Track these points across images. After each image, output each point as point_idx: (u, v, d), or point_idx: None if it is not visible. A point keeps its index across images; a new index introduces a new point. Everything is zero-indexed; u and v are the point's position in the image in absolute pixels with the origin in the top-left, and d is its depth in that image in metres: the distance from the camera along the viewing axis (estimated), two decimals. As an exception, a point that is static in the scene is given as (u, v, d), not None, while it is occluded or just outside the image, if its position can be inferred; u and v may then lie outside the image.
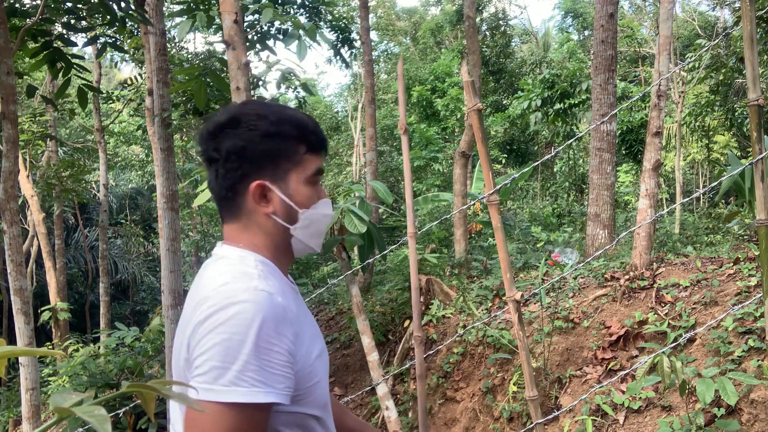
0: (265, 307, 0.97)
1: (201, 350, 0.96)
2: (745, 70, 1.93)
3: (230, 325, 0.95)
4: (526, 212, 12.78)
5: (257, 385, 0.94)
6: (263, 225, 1.12)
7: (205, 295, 1.01)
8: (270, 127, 1.09)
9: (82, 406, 0.51)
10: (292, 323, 1.02)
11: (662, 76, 4.30)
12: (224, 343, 0.94)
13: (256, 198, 1.10)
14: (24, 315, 3.94)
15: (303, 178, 1.12)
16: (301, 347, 1.05)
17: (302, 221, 1.13)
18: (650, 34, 19.65)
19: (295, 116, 1.13)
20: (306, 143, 1.12)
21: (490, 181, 1.65)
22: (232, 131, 1.09)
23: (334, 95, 29.84)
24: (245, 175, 1.09)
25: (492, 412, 4.08)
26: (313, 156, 1.14)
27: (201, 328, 0.97)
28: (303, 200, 1.12)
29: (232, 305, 0.96)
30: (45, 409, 5.68)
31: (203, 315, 0.98)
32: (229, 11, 3.43)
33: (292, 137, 1.11)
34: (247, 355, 0.94)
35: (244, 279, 1.02)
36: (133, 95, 10.37)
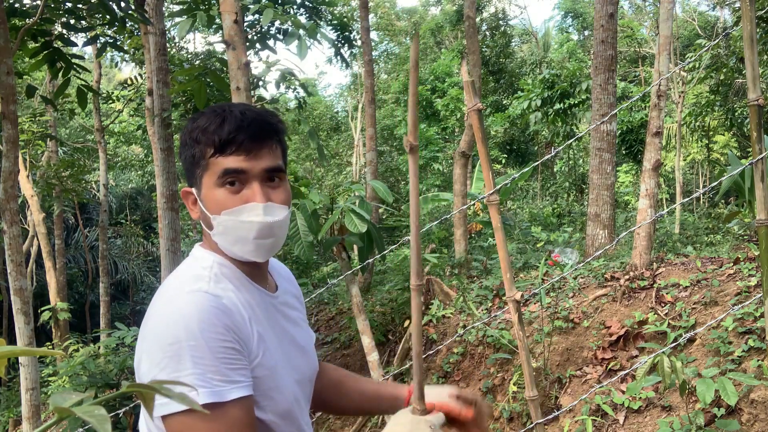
0: (205, 308, 0.96)
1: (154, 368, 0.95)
2: (745, 70, 1.93)
3: (172, 335, 0.94)
4: (526, 212, 12.78)
5: (221, 383, 0.93)
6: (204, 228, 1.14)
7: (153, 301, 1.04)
8: (185, 135, 1.11)
9: (82, 406, 0.51)
10: (243, 323, 1.01)
11: (662, 76, 4.30)
12: (172, 353, 0.93)
13: (188, 204, 1.14)
14: (24, 315, 3.94)
15: (211, 182, 1.07)
16: (258, 348, 1.03)
17: (216, 227, 1.08)
18: (650, 34, 19.65)
19: (204, 118, 1.09)
20: (212, 146, 1.06)
21: (490, 181, 1.65)
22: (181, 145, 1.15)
23: (334, 95, 29.86)
24: (188, 182, 1.15)
25: (492, 412, 4.08)
26: (223, 158, 1.06)
27: (148, 345, 0.97)
28: (212, 205, 1.08)
29: (171, 314, 0.97)
30: (45, 409, 5.68)
31: (148, 332, 0.99)
32: (229, 11, 3.43)
33: (200, 141, 1.07)
34: (199, 356, 0.93)
35: (189, 282, 1.02)
36: (133, 95, 10.38)
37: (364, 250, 4.17)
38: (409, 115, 1.43)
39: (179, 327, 0.94)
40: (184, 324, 0.94)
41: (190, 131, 1.10)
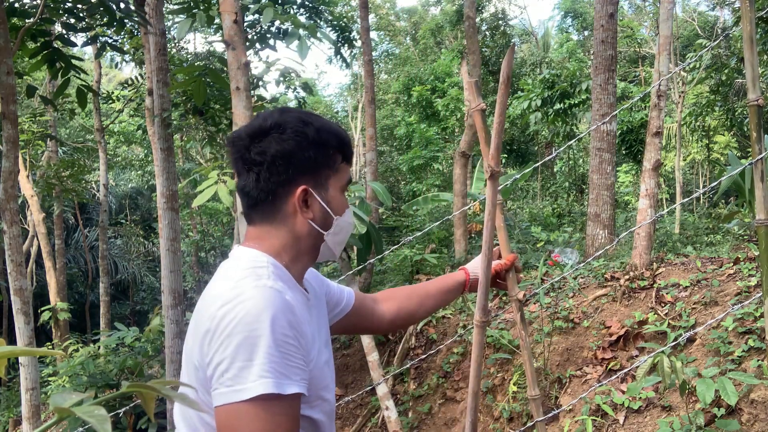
0: (274, 302, 0.99)
1: (222, 355, 0.96)
2: (745, 70, 1.93)
3: (244, 324, 0.96)
4: (526, 212, 12.77)
5: (281, 377, 0.95)
6: (296, 229, 1.13)
7: (215, 295, 1.03)
8: (315, 135, 1.12)
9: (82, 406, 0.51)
10: (301, 322, 1.04)
11: (662, 76, 4.30)
12: (243, 342, 0.95)
13: (298, 203, 1.12)
14: (24, 315, 3.94)
15: (339, 186, 1.16)
16: (312, 348, 1.07)
17: (335, 227, 1.16)
18: (650, 34, 19.66)
19: (334, 126, 1.17)
20: (342, 153, 1.16)
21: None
22: (278, 136, 1.10)
23: (334, 95, 29.86)
24: (289, 180, 1.11)
25: (492, 412, 4.08)
26: (347, 166, 1.18)
27: (216, 335, 0.98)
28: (338, 207, 1.17)
29: (242, 303, 0.98)
30: (45, 409, 5.68)
31: (215, 321, 0.99)
32: (229, 11, 3.43)
33: (332, 146, 1.14)
34: (268, 347, 0.95)
35: (253, 277, 1.03)
36: (133, 95, 10.37)
37: (363, 251, 4.17)
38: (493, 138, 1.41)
39: (252, 318, 0.96)
40: (257, 316, 0.96)
41: (317, 131, 1.12)
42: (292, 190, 1.11)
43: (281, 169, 1.10)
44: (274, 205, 1.12)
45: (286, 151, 1.09)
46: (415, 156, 14.42)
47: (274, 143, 1.10)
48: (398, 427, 4.22)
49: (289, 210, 1.12)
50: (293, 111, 1.15)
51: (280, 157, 1.09)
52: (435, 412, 4.57)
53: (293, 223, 1.12)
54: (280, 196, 1.11)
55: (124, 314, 16.40)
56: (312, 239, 1.15)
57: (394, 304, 1.51)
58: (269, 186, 1.11)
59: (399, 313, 1.50)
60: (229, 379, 0.95)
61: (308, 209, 1.12)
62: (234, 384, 0.94)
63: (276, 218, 1.12)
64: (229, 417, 0.94)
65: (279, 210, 1.12)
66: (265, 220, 1.13)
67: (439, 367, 4.75)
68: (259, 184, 1.11)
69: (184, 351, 1.10)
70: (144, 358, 6.15)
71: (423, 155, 14.47)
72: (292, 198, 1.11)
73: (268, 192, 1.11)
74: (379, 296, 1.53)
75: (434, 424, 4.48)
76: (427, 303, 1.55)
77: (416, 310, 1.54)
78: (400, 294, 1.54)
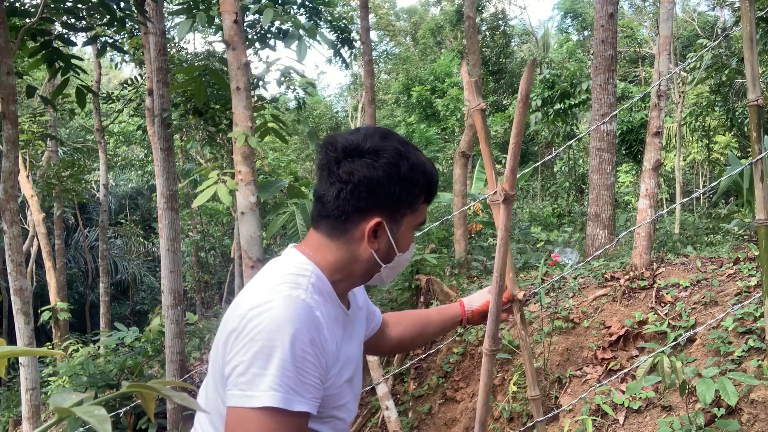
0: (300, 316, 0.99)
1: (241, 358, 0.97)
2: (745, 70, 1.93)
3: (267, 332, 0.97)
4: (526, 212, 12.78)
5: (291, 393, 0.96)
6: (357, 254, 1.13)
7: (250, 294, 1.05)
8: (406, 171, 1.10)
9: (82, 406, 0.51)
10: (326, 341, 1.04)
11: (662, 76, 4.30)
12: (262, 350, 0.96)
13: (368, 232, 1.11)
14: (24, 315, 3.94)
15: (412, 224, 1.15)
16: (334, 366, 1.07)
17: (394, 262, 1.16)
18: (650, 34, 19.66)
19: (427, 165, 1.15)
20: (426, 194, 1.15)
21: (493, 182, 1.65)
22: (372, 162, 1.08)
23: (334, 95, 29.86)
24: (367, 209, 1.10)
25: (492, 412, 4.08)
26: (426, 206, 1.17)
27: (240, 337, 0.99)
28: (404, 245, 1.16)
29: (269, 311, 0.99)
30: (45, 409, 5.68)
31: (242, 322, 1.00)
32: (229, 11, 3.43)
33: (418, 185, 1.12)
34: (283, 360, 0.95)
35: (290, 285, 1.04)
36: (133, 95, 10.37)
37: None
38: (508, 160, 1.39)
39: (274, 327, 0.97)
40: (280, 326, 0.97)
41: (410, 168, 1.10)
42: (366, 218, 1.10)
43: (363, 195, 1.08)
44: (345, 225, 1.11)
45: (374, 180, 1.08)
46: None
47: (364, 168, 1.08)
48: (398, 427, 4.22)
49: (357, 235, 1.11)
50: (393, 138, 1.13)
51: (366, 183, 1.07)
52: (435, 412, 4.57)
53: (356, 248, 1.12)
54: (354, 220, 1.10)
55: (124, 314, 16.40)
56: (368, 267, 1.15)
57: (400, 329, 1.53)
58: (347, 207, 1.09)
59: (403, 338, 1.53)
60: (243, 384, 0.96)
61: (375, 240, 1.12)
62: (246, 389, 0.96)
63: (341, 238, 1.12)
64: (235, 420, 0.96)
65: (347, 231, 1.11)
66: (330, 234, 1.13)
67: (439, 367, 4.75)
68: (337, 201, 1.09)
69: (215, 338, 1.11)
70: (144, 358, 6.15)
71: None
72: (364, 225, 1.10)
73: (343, 212, 1.10)
74: (390, 319, 1.54)
75: (434, 424, 4.48)
76: (427, 331, 1.58)
77: (417, 336, 1.57)
78: (405, 319, 1.56)
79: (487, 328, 1.48)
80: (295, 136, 18.41)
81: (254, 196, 3.45)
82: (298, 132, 17.52)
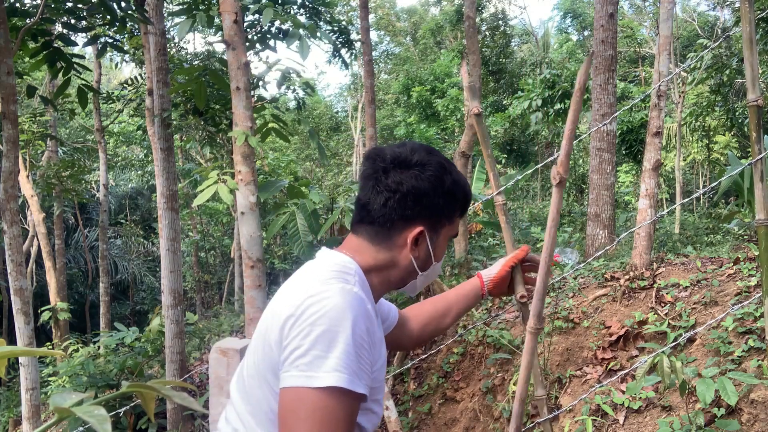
0: (358, 306, 1.03)
1: (301, 342, 0.99)
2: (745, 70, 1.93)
3: (328, 317, 1.00)
4: (526, 212, 12.78)
5: (353, 375, 0.99)
6: (397, 260, 1.18)
7: (301, 287, 1.07)
8: (450, 185, 1.18)
9: (82, 406, 0.51)
10: (376, 332, 1.09)
11: (662, 76, 4.30)
12: (325, 334, 0.98)
13: (411, 240, 1.16)
14: (24, 315, 3.94)
15: (448, 235, 1.23)
16: (379, 359, 1.12)
17: (429, 270, 1.22)
18: (650, 34, 19.67)
19: (464, 181, 1.24)
20: (462, 208, 1.23)
21: (495, 183, 1.65)
22: (419, 174, 1.15)
23: (334, 95, 29.86)
24: (412, 217, 1.16)
25: (492, 412, 4.08)
26: (460, 219, 1.25)
27: (299, 321, 1.01)
28: (439, 254, 1.23)
29: (328, 299, 1.02)
30: (45, 409, 5.68)
31: (300, 308, 1.02)
32: (229, 11, 3.43)
33: (458, 199, 1.21)
34: (346, 345, 0.99)
35: (340, 279, 1.08)
36: (133, 95, 10.38)
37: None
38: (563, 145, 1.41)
39: (336, 314, 1.00)
40: (341, 313, 1.00)
41: (453, 182, 1.19)
42: (409, 227, 1.16)
43: (410, 204, 1.15)
44: (389, 233, 1.17)
45: (421, 190, 1.15)
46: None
47: (413, 179, 1.14)
48: (398, 427, 4.22)
49: (399, 242, 1.17)
50: (438, 155, 1.21)
51: (413, 193, 1.14)
52: (435, 412, 4.57)
53: (397, 254, 1.18)
54: (398, 228, 1.16)
55: (124, 314, 16.40)
56: (405, 274, 1.20)
57: (420, 320, 1.55)
58: (393, 215, 1.15)
59: (425, 329, 1.55)
60: (304, 365, 0.98)
61: (416, 248, 1.18)
62: (308, 370, 0.97)
63: (383, 244, 1.17)
64: (294, 400, 0.98)
65: (390, 238, 1.17)
66: (372, 240, 1.18)
67: (439, 367, 4.76)
68: (384, 209, 1.15)
69: (257, 332, 1.13)
70: (144, 358, 6.15)
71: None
72: (407, 233, 1.16)
73: (389, 219, 1.16)
74: (410, 313, 1.56)
75: (434, 424, 4.48)
76: (450, 314, 1.58)
77: (441, 322, 1.59)
78: (424, 310, 1.57)
79: (533, 306, 1.51)
80: (295, 137, 18.41)
81: (254, 196, 3.45)
82: (299, 132, 17.53)
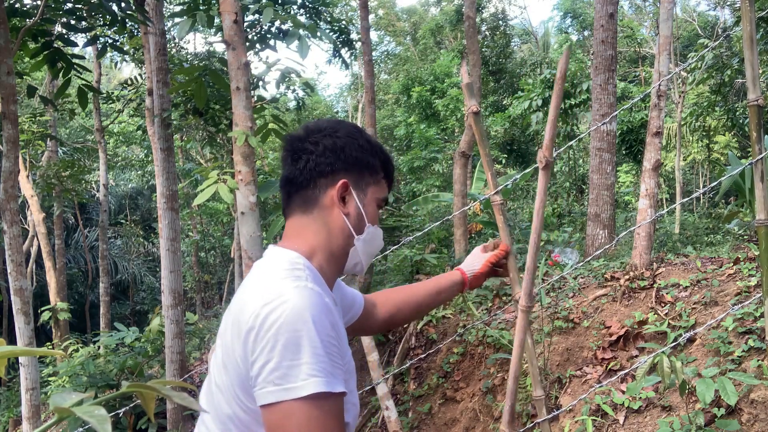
0: (316, 303, 1.00)
1: (269, 355, 0.96)
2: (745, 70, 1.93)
3: (289, 323, 0.96)
4: (526, 212, 12.77)
5: (330, 376, 0.96)
6: (331, 224, 1.17)
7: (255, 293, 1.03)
8: (365, 142, 1.21)
9: (82, 406, 0.51)
10: (340, 325, 1.07)
11: (662, 76, 4.30)
12: (290, 342, 0.95)
13: (337, 195, 1.16)
14: (24, 315, 3.94)
15: (376, 197, 1.22)
16: (346, 352, 1.09)
17: (366, 234, 1.20)
18: (650, 34, 19.67)
19: (379, 144, 1.26)
20: (385, 171, 1.24)
21: (492, 182, 1.65)
22: (333, 134, 1.18)
23: (334, 95, 29.86)
24: (334, 172, 1.16)
25: (492, 412, 4.08)
26: (386, 184, 1.25)
27: (260, 334, 0.97)
28: (371, 217, 1.21)
29: (284, 303, 0.98)
30: (45, 409, 5.68)
31: (258, 319, 0.98)
32: (229, 11, 3.43)
33: (377, 157, 1.22)
34: (314, 347, 0.96)
35: (292, 278, 1.05)
36: (133, 95, 10.38)
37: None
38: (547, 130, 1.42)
39: (295, 318, 0.97)
40: (300, 315, 0.97)
41: (368, 140, 1.21)
42: (333, 183, 1.16)
43: (329, 160, 1.16)
44: (315, 193, 1.16)
45: (337, 145, 1.17)
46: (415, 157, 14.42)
47: (328, 138, 1.17)
48: (398, 427, 4.22)
49: (327, 202, 1.16)
50: (348, 123, 1.24)
51: (330, 149, 1.16)
52: (435, 412, 4.57)
53: (328, 215, 1.16)
54: (322, 186, 1.16)
55: (124, 314, 16.40)
56: (344, 239, 1.17)
57: (389, 307, 1.53)
58: (313, 174, 1.16)
59: (394, 315, 1.54)
60: (278, 378, 0.95)
61: (345, 205, 1.17)
62: (283, 382, 0.94)
63: (314, 209, 1.16)
64: (280, 417, 0.95)
65: (317, 199, 1.16)
66: (304, 209, 1.17)
67: (439, 367, 4.75)
68: (304, 171, 1.16)
69: (221, 346, 1.09)
70: (144, 358, 6.15)
71: (423, 156, 14.47)
72: (332, 190, 1.16)
73: (311, 179, 1.16)
74: (377, 299, 1.54)
75: (434, 424, 4.48)
76: (424, 303, 1.57)
77: (412, 311, 1.57)
78: (396, 297, 1.56)
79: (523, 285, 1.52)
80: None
81: (254, 196, 3.45)
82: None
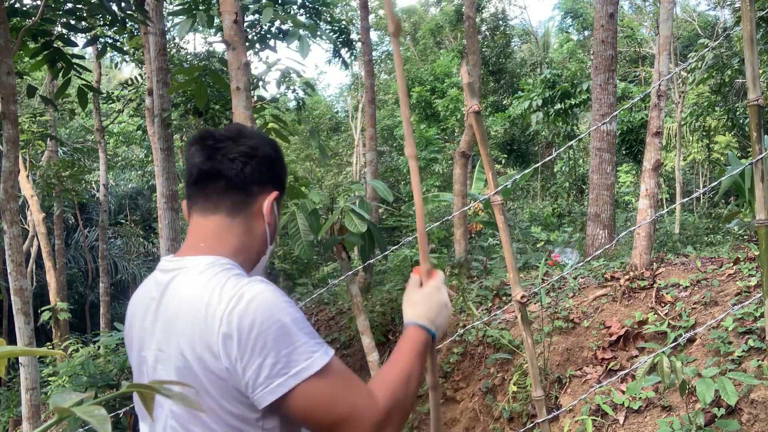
0: (274, 290, 1.01)
1: (263, 356, 0.95)
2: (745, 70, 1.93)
3: (266, 318, 0.96)
4: (526, 212, 12.77)
5: (321, 345, 0.99)
6: (254, 231, 1.16)
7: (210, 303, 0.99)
8: (283, 158, 1.24)
9: (82, 406, 0.51)
10: None
11: (662, 76, 4.30)
12: (276, 333, 0.96)
13: (268, 205, 1.16)
14: (24, 315, 3.94)
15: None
16: None
17: (271, 247, 1.21)
18: (650, 34, 19.67)
19: None
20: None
21: (492, 182, 1.65)
22: (268, 145, 1.18)
23: (334, 95, 29.86)
24: (266, 183, 1.17)
25: (492, 412, 4.08)
26: None
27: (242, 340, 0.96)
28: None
29: (252, 301, 0.97)
30: (45, 409, 5.67)
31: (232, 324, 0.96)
32: (229, 11, 3.43)
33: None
34: (298, 325, 0.98)
35: (234, 277, 1.04)
36: (133, 95, 10.38)
37: (365, 250, 4.16)
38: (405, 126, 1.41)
39: (269, 310, 0.97)
40: (271, 306, 0.98)
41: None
42: (264, 193, 1.16)
43: (265, 170, 1.16)
44: (247, 199, 1.15)
45: (271, 156, 1.17)
46: (415, 156, 14.38)
47: (266, 146, 1.17)
48: (398, 427, 4.21)
49: (255, 210, 1.16)
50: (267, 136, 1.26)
51: (267, 159, 1.16)
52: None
53: (253, 223, 1.16)
54: (255, 193, 1.15)
55: (124, 314, 16.34)
56: (259, 247, 1.18)
57: None
58: (251, 178, 1.14)
59: None
60: (282, 368, 0.95)
61: (271, 216, 1.18)
62: (288, 370, 0.95)
63: (242, 214, 1.15)
64: (305, 399, 0.96)
65: (248, 206, 1.15)
66: (230, 212, 1.14)
67: (439, 367, 4.76)
68: (242, 174, 1.13)
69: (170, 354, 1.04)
70: (144, 358, 6.13)
71: (423, 156, 14.46)
72: (262, 199, 1.16)
73: (247, 183, 1.14)
74: None
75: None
76: None
77: None
78: None
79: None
80: (295, 137, 18.40)
81: (254, 196, 3.45)
82: (298, 132, 17.53)
